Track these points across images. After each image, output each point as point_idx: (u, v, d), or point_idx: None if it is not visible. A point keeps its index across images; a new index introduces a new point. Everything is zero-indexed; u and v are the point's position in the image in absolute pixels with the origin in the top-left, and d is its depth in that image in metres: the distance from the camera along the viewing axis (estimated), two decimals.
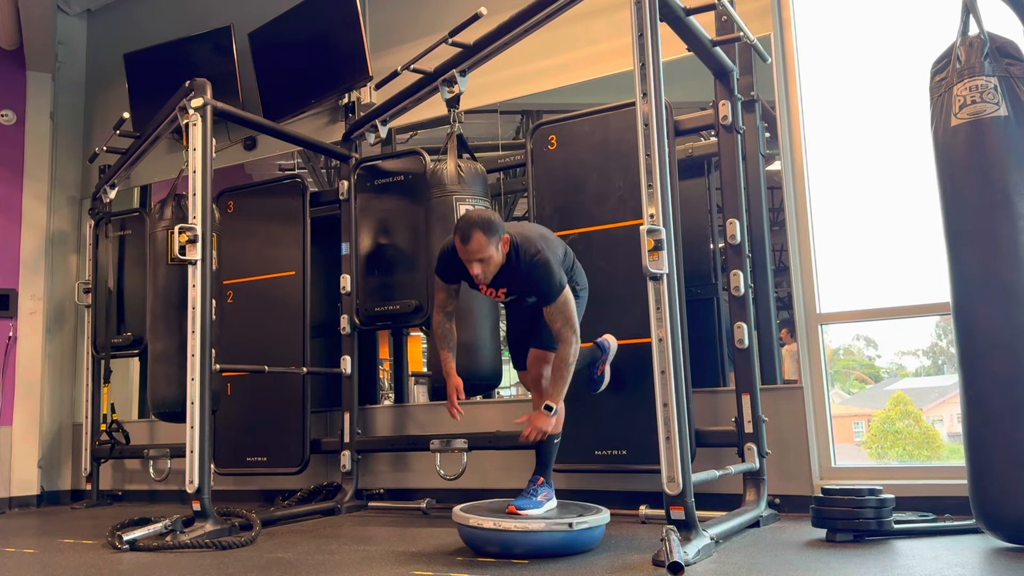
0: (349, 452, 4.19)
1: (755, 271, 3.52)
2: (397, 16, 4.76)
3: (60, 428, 5.50)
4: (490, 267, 2.75)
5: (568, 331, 2.77)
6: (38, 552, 3.16)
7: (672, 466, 2.41)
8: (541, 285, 2.77)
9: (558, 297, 2.76)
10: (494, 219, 2.75)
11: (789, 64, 3.67)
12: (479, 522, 2.59)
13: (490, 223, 2.72)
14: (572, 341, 2.77)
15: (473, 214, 2.77)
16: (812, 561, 2.38)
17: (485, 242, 2.70)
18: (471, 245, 2.70)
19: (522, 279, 2.81)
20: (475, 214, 2.77)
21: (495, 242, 2.73)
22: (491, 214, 2.78)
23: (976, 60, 2.53)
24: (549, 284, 2.76)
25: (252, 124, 4.23)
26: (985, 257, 2.48)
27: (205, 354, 3.38)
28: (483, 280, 2.79)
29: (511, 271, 2.81)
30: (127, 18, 5.88)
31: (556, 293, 2.76)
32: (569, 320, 2.78)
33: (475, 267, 2.73)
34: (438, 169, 3.78)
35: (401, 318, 4.23)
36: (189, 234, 3.37)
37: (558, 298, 2.76)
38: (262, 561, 2.74)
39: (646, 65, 2.59)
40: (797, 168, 3.62)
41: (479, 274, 2.75)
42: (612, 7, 3.97)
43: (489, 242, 2.70)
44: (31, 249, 5.48)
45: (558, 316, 2.77)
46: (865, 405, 3.93)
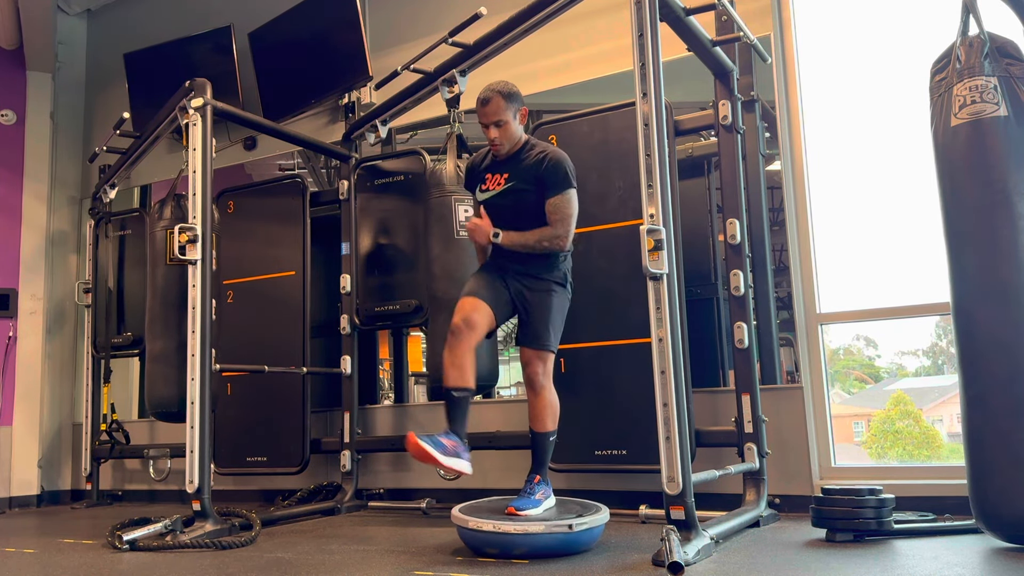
0: (349, 452, 4.19)
1: (755, 271, 3.52)
2: (397, 16, 4.76)
3: (60, 428, 5.50)
4: (506, 134, 2.87)
5: (560, 225, 2.83)
6: (38, 552, 3.16)
7: (672, 466, 2.41)
8: (551, 172, 2.83)
9: (566, 191, 2.83)
10: (514, 89, 2.89)
11: (789, 64, 3.68)
12: (478, 524, 2.59)
13: (510, 91, 2.87)
14: (558, 232, 2.83)
15: (495, 82, 2.91)
16: (812, 561, 2.38)
17: (503, 105, 2.84)
18: (489, 107, 2.84)
19: (531, 165, 2.87)
20: (496, 82, 2.91)
21: (513, 109, 2.87)
22: (512, 85, 2.90)
23: (976, 60, 2.53)
24: (560, 173, 2.83)
25: (252, 124, 4.23)
26: (985, 257, 2.48)
27: (205, 354, 3.37)
28: (499, 147, 2.87)
29: (521, 156, 2.90)
30: (127, 18, 5.88)
31: (564, 185, 2.84)
32: (566, 217, 2.84)
33: (492, 131, 2.86)
34: (437, 169, 3.78)
35: (401, 318, 4.23)
36: (189, 234, 3.37)
37: (565, 192, 2.83)
38: (262, 561, 2.74)
39: (646, 65, 2.59)
40: (797, 168, 3.63)
41: (495, 138, 2.86)
42: (612, 7, 3.97)
43: (508, 107, 2.85)
44: (31, 249, 5.48)
45: (558, 209, 2.84)
46: (865, 405, 3.93)
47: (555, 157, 2.87)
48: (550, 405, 2.89)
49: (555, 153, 2.90)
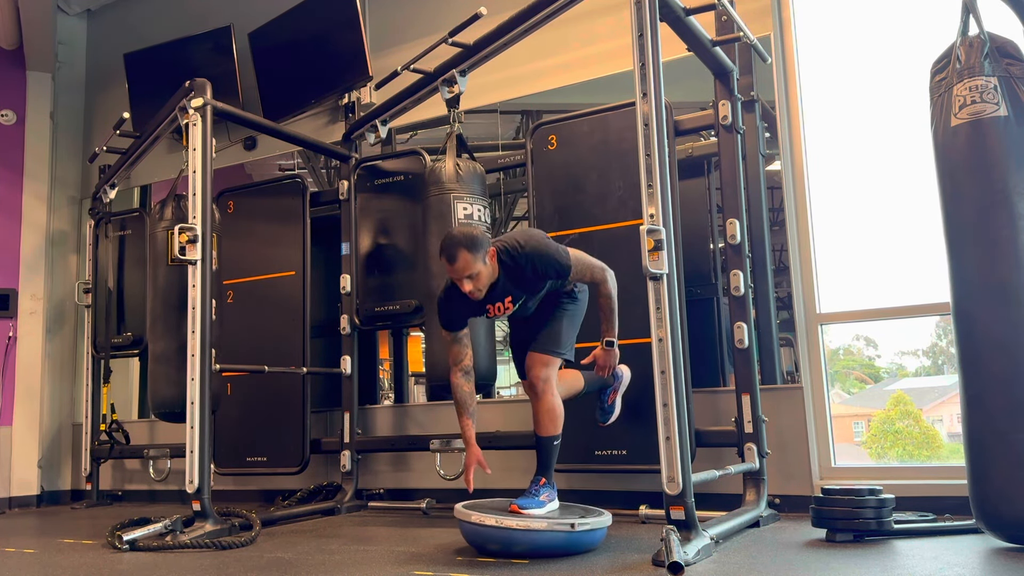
0: (349, 452, 4.19)
1: (755, 271, 3.52)
2: (397, 16, 4.76)
3: (60, 428, 5.50)
4: (480, 282, 2.75)
5: (598, 272, 2.85)
6: (38, 552, 3.16)
7: (672, 466, 2.41)
8: (545, 266, 2.79)
9: (573, 263, 2.81)
10: (476, 234, 2.75)
11: (789, 64, 3.68)
12: (481, 519, 2.59)
13: (473, 239, 2.72)
14: (607, 278, 2.85)
15: (456, 232, 2.77)
16: (812, 561, 2.38)
17: (471, 259, 2.70)
18: (458, 264, 2.71)
19: (527, 275, 2.81)
20: (457, 232, 2.77)
21: (481, 256, 2.73)
22: (472, 230, 2.78)
23: (976, 60, 2.53)
24: (551, 260, 2.78)
25: (252, 124, 4.23)
26: (985, 257, 2.48)
27: (205, 354, 3.38)
28: (478, 294, 2.77)
29: (512, 275, 2.81)
30: (127, 18, 5.88)
31: (565, 262, 2.79)
32: (593, 267, 2.85)
33: (466, 284, 2.73)
34: (436, 167, 3.78)
35: (401, 318, 4.23)
36: (189, 234, 3.37)
37: (574, 264, 2.81)
38: (262, 561, 2.74)
39: (646, 65, 2.59)
40: (797, 168, 3.63)
41: (471, 290, 2.74)
42: (612, 7, 3.97)
43: (475, 258, 2.71)
44: (31, 249, 5.48)
45: (583, 273, 2.85)
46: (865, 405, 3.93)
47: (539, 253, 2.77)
48: (553, 409, 2.89)
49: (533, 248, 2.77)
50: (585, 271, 2.84)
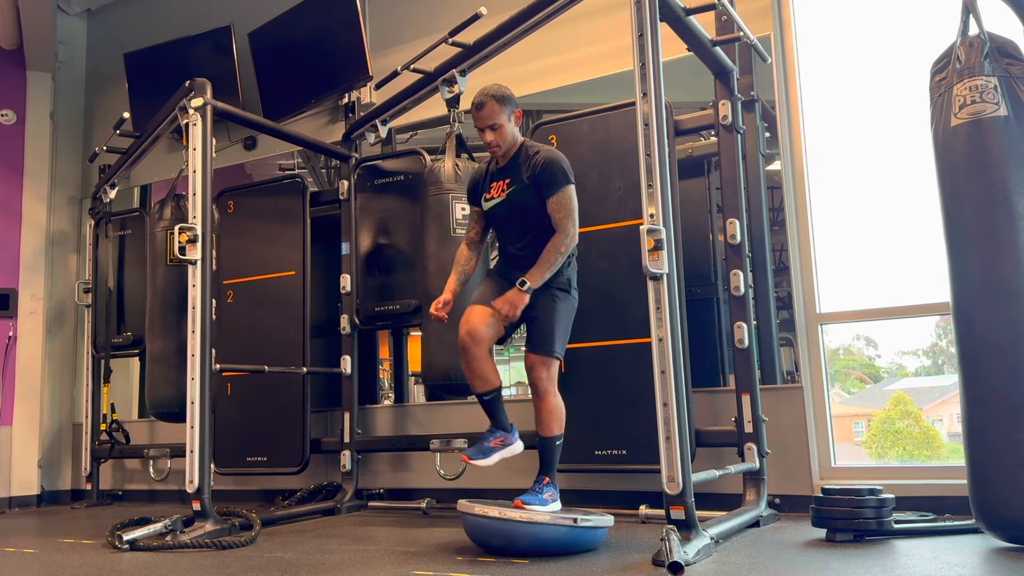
0: (349, 452, 4.19)
1: (755, 271, 3.52)
2: (397, 16, 4.76)
3: (60, 428, 5.50)
4: (502, 136, 2.90)
5: (568, 222, 2.85)
6: (38, 552, 3.16)
7: (672, 466, 2.41)
8: (547, 171, 2.86)
9: (564, 188, 2.86)
10: (507, 91, 2.92)
11: (789, 64, 3.68)
12: (484, 511, 2.61)
13: (503, 94, 2.90)
14: (569, 232, 2.84)
15: (488, 86, 2.93)
16: (812, 561, 2.38)
17: (497, 109, 2.86)
18: (483, 111, 2.87)
19: (529, 167, 2.89)
20: (488, 85, 2.93)
21: (507, 112, 2.89)
22: (505, 88, 2.94)
23: (976, 60, 2.53)
24: (556, 172, 2.86)
25: (252, 124, 4.23)
26: (985, 257, 2.48)
27: (205, 354, 3.38)
28: (496, 148, 2.91)
29: (519, 160, 2.93)
30: (127, 18, 5.88)
31: (562, 183, 2.86)
32: (571, 213, 2.86)
33: (488, 134, 2.88)
34: (435, 167, 3.78)
35: (401, 318, 4.23)
36: (189, 234, 3.37)
37: (564, 188, 2.86)
38: (262, 561, 2.74)
39: (646, 65, 2.59)
40: (797, 168, 3.63)
41: (492, 140, 2.89)
42: (612, 7, 3.97)
43: (502, 110, 2.87)
44: (31, 249, 5.48)
45: (560, 207, 2.86)
46: (865, 405, 3.93)
47: (549, 156, 2.89)
48: (555, 409, 2.89)
49: (549, 153, 2.91)
50: (562, 208, 2.85)
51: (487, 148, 2.95)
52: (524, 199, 2.92)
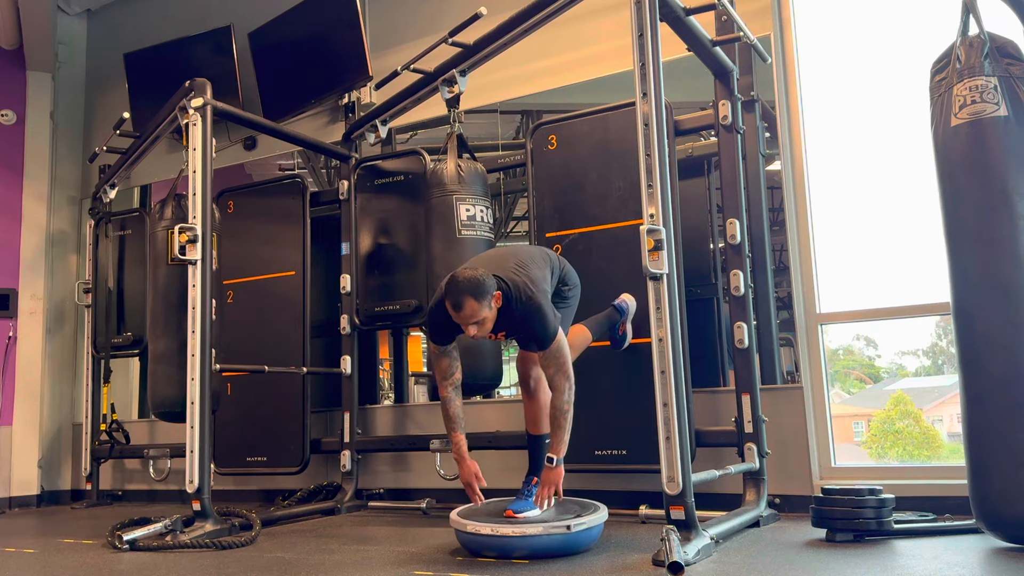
0: (349, 452, 4.19)
1: (755, 271, 3.52)
2: (397, 16, 4.76)
3: (60, 428, 5.50)
4: (486, 326, 2.68)
5: (561, 378, 2.71)
6: (38, 552, 3.16)
7: (672, 466, 2.41)
8: (535, 331, 2.72)
9: (552, 343, 2.71)
10: (483, 280, 2.64)
11: (789, 64, 3.67)
12: (476, 528, 2.59)
13: (480, 286, 2.62)
14: (565, 389, 2.71)
15: (461, 279, 2.64)
16: (812, 561, 2.38)
17: (477, 307, 2.62)
18: (464, 312, 2.62)
19: (517, 325, 2.76)
20: (463, 278, 2.64)
21: (487, 303, 2.64)
22: (479, 275, 2.65)
23: (976, 60, 2.53)
24: (544, 331, 2.71)
25: (252, 124, 4.23)
26: (985, 257, 2.48)
27: (205, 354, 3.38)
28: (482, 337, 2.72)
29: (506, 317, 2.74)
30: (127, 18, 5.88)
31: (550, 339, 2.71)
32: (563, 367, 2.72)
33: (471, 329, 2.66)
34: (438, 169, 3.78)
35: (401, 318, 4.23)
36: (189, 234, 3.37)
37: (552, 345, 2.71)
38: (262, 561, 2.74)
39: (646, 65, 2.59)
40: (797, 168, 3.62)
41: (476, 334, 2.68)
42: (612, 7, 3.97)
43: (481, 306, 2.62)
44: (31, 249, 5.48)
45: (552, 362, 2.72)
46: (865, 405, 3.92)
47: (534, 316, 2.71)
48: (545, 408, 2.89)
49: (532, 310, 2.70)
50: (554, 364, 2.72)
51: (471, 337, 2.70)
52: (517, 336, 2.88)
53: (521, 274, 2.77)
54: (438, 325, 2.80)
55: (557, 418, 2.72)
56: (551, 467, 2.73)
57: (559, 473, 2.74)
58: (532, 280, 2.78)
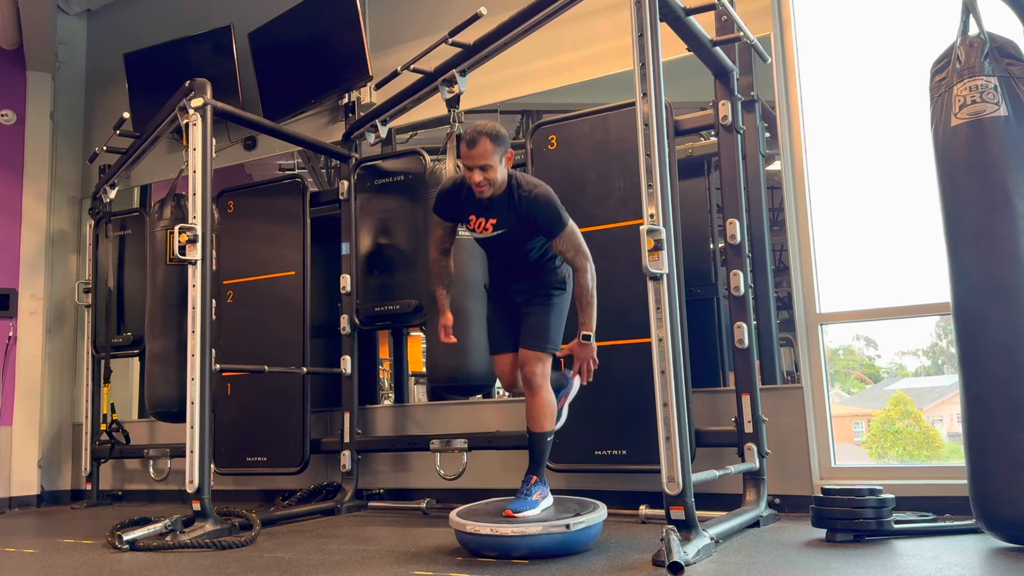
0: (349, 452, 4.19)
1: (755, 271, 3.52)
2: (397, 16, 4.76)
3: (60, 428, 5.50)
4: (492, 176, 2.72)
5: (581, 258, 2.80)
6: (38, 552, 3.16)
7: (672, 466, 2.41)
8: (543, 216, 2.77)
9: (565, 227, 2.78)
10: (502, 131, 2.75)
11: (789, 64, 3.68)
12: (476, 528, 2.58)
13: (497, 133, 2.72)
14: (588, 267, 2.81)
15: (481, 123, 2.76)
16: (812, 561, 2.38)
17: (491, 149, 2.69)
18: (476, 149, 2.69)
19: (520, 212, 2.78)
20: (483, 123, 2.76)
21: (500, 153, 2.72)
22: (499, 126, 2.77)
23: (976, 60, 2.53)
24: (551, 215, 2.77)
25: (252, 124, 4.23)
26: (985, 257, 2.48)
27: (205, 354, 3.37)
28: (483, 188, 2.73)
29: (508, 202, 2.78)
30: (127, 18, 5.88)
31: (561, 223, 2.78)
32: (580, 248, 2.81)
33: (476, 174, 2.71)
34: (438, 169, 3.78)
35: (401, 318, 4.23)
36: (189, 234, 3.37)
37: (565, 228, 2.78)
38: (262, 561, 2.74)
39: (646, 65, 2.59)
40: (797, 168, 3.62)
41: (479, 181, 2.71)
42: (612, 7, 3.97)
43: (495, 150, 2.70)
44: (31, 249, 5.48)
45: (568, 246, 2.80)
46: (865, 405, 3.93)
47: (541, 199, 2.76)
48: (547, 405, 2.89)
49: (540, 194, 2.77)
50: (570, 247, 2.80)
51: (474, 188, 2.75)
52: (514, 238, 2.86)
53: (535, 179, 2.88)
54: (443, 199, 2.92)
55: (584, 296, 2.82)
56: (586, 343, 2.84)
57: (592, 348, 2.87)
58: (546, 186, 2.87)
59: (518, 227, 2.82)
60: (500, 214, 2.82)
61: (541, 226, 2.78)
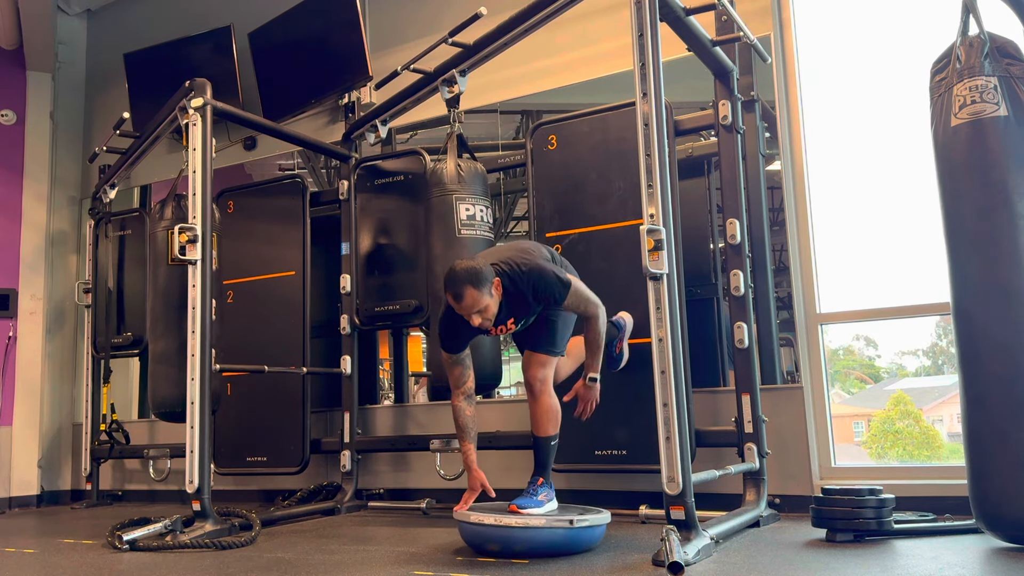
0: (349, 452, 4.19)
1: (755, 271, 3.52)
2: (397, 16, 4.76)
3: (60, 428, 5.50)
4: (488, 313, 2.72)
5: (592, 308, 2.84)
6: (38, 552, 3.16)
7: (672, 466, 2.41)
8: (544, 293, 2.77)
9: (568, 292, 2.79)
10: (480, 268, 2.69)
11: (789, 64, 3.68)
12: (480, 518, 2.60)
13: (478, 274, 2.67)
14: (598, 315, 2.85)
15: (459, 269, 2.69)
16: (812, 561, 2.38)
17: (478, 294, 2.66)
18: (465, 302, 2.67)
19: (526, 300, 2.79)
20: (460, 269, 2.69)
21: (487, 290, 2.68)
22: (476, 264, 2.70)
23: (976, 60, 2.53)
24: (551, 287, 2.77)
25: (252, 124, 4.23)
26: (985, 257, 2.48)
27: (205, 354, 3.37)
28: (487, 325, 2.75)
29: (514, 299, 2.79)
30: (127, 18, 5.88)
31: (563, 290, 2.77)
32: (588, 301, 2.84)
33: (475, 319, 2.70)
34: (438, 168, 3.78)
35: (401, 318, 4.23)
36: (189, 234, 3.37)
37: (568, 293, 2.79)
38: (262, 561, 2.74)
39: (646, 65, 2.59)
40: (797, 168, 3.63)
41: (481, 323, 2.72)
42: (612, 7, 3.97)
43: (482, 293, 2.67)
44: (31, 249, 5.48)
45: (577, 304, 2.83)
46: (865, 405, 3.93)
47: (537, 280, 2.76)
48: (551, 410, 2.90)
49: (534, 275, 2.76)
50: (579, 303, 2.82)
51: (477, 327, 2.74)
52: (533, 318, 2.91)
53: (517, 256, 2.84)
54: (448, 329, 2.85)
55: (594, 341, 2.90)
56: (591, 385, 2.95)
57: (597, 390, 2.97)
58: (526, 252, 2.89)
59: (534, 312, 2.87)
60: (514, 313, 2.84)
61: (549, 300, 2.80)
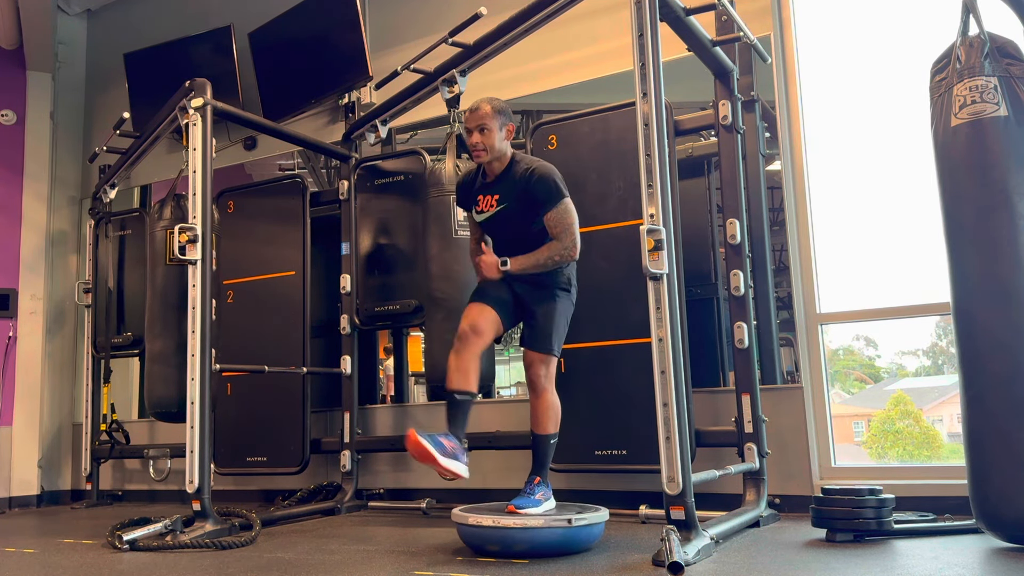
0: (349, 452, 4.19)
1: (755, 271, 3.52)
2: (397, 16, 4.76)
3: (60, 428, 5.50)
4: (489, 141, 2.87)
5: (565, 236, 2.84)
6: (38, 552, 3.16)
7: (672, 466, 2.41)
8: (541, 187, 2.83)
9: (560, 201, 2.83)
10: (506, 106, 2.95)
11: (789, 64, 3.68)
12: (478, 520, 2.60)
13: (500, 106, 2.92)
14: (566, 244, 2.83)
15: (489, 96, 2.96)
16: (812, 561, 2.38)
17: (491, 113, 2.88)
18: (477, 112, 2.89)
19: (519, 184, 2.86)
20: (491, 97, 2.96)
21: (500, 121, 2.89)
22: (505, 103, 2.96)
23: (976, 60, 2.53)
24: (548, 185, 2.84)
25: (252, 124, 4.22)
26: (985, 257, 2.48)
27: (205, 354, 3.37)
28: (482, 155, 2.88)
29: (508, 174, 2.90)
30: (127, 18, 5.88)
31: (557, 195, 2.83)
32: (568, 227, 2.84)
33: (475, 135, 2.87)
34: (436, 168, 3.78)
35: (401, 318, 4.23)
36: (189, 234, 3.37)
37: (559, 203, 2.83)
38: (262, 561, 2.74)
39: (646, 65, 2.59)
40: (797, 168, 3.63)
41: (477, 143, 2.87)
42: (612, 7, 3.97)
43: (495, 116, 2.88)
44: (31, 249, 5.48)
45: (558, 222, 2.84)
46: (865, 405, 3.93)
47: (540, 171, 2.86)
48: (552, 407, 2.90)
49: (540, 167, 2.88)
50: (559, 223, 2.83)
51: (471, 151, 2.92)
52: (515, 216, 2.91)
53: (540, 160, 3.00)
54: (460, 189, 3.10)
55: (543, 253, 2.83)
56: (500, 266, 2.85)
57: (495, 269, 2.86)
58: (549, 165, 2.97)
59: (519, 201, 2.88)
60: (502, 190, 2.92)
61: (538, 197, 2.84)
